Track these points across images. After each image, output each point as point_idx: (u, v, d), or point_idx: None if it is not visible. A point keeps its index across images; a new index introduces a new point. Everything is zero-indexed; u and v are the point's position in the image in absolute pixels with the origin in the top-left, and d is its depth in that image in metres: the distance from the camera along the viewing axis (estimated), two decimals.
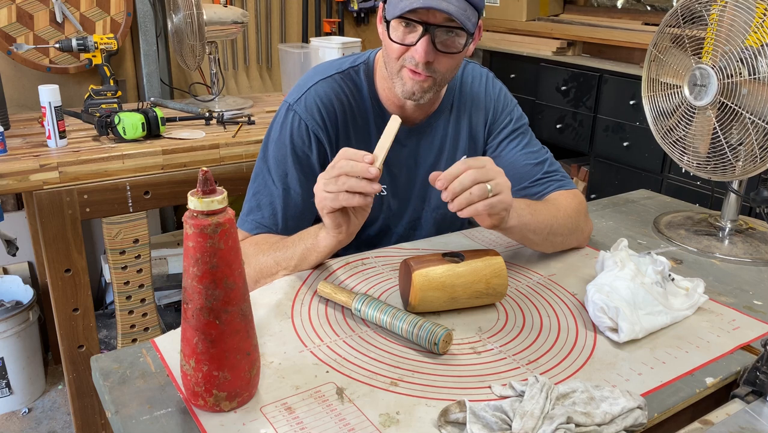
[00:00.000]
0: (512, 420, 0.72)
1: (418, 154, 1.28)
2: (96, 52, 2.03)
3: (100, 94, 1.99)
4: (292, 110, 1.21)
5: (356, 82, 1.23)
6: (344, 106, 1.21)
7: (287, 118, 1.22)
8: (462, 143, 1.31)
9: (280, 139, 1.21)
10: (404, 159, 1.27)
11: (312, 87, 1.22)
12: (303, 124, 1.20)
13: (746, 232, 1.33)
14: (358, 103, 1.22)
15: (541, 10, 3.09)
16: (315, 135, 1.20)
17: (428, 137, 1.28)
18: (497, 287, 0.99)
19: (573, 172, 2.95)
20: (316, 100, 1.20)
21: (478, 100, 1.31)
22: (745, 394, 0.82)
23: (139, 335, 2.01)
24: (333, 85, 1.22)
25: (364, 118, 1.23)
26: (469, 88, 1.31)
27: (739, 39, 1.17)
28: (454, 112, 1.29)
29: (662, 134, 1.35)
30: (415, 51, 1.06)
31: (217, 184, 0.72)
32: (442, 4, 1.01)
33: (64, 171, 1.66)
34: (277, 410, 0.77)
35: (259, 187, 1.21)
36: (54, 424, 2.16)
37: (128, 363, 0.86)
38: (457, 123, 1.30)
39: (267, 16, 2.84)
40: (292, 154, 1.20)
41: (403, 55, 1.09)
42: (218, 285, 0.72)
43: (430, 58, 1.07)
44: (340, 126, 1.21)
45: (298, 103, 1.21)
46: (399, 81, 1.12)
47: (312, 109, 1.20)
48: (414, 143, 1.27)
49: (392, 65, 1.12)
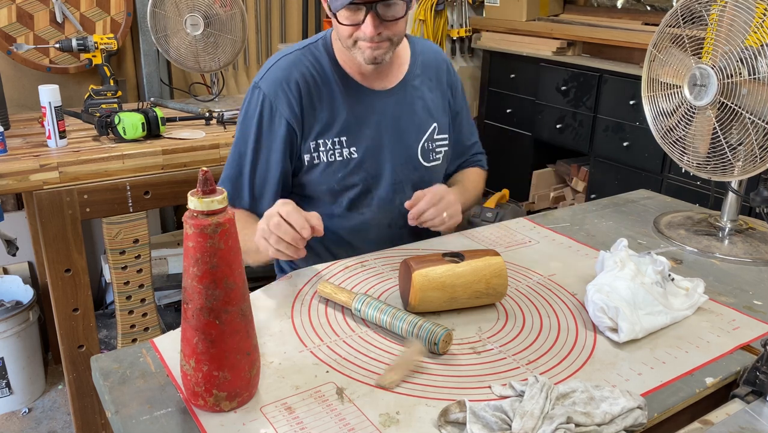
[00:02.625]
0: (512, 420, 0.72)
1: (391, 116, 1.33)
2: (96, 52, 2.03)
3: (100, 94, 1.99)
4: (257, 87, 1.28)
5: (316, 55, 1.30)
6: (306, 77, 1.27)
7: (253, 96, 1.29)
8: (435, 113, 1.39)
9: (247, 117, 1.29)
10: (375, 121, 1.31)
11: (274, 64, 1.29)
12: (267, 99, 1.26)
13: (746, 232, 1.33)
14: (319, 73, 1.29)
15: (541, 10, 3.09)
16: (278, 109, 1.25)
17: (400, 102, 1.34)
18: (497, 287, 0.99)
19: (573, 172, 2.95)
20: (278, 75, 1.27)
21: (440, 75, 1.41)
22: (745, 394, 0.82)
23: (139, 335, 2.01)
24: (294, 60, 1.29)
25: (328, 85, 1.29)
26: (429, 62, 1.40)
27: (739, 39, 1.17)
28: (420, 81, 1.37)
29: (662, 134, 1.35)
30: (365, 27, 1.16)
31: (217, 185, 0.72)
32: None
33: (64, 171, 1.66)
34: (277, 410, 0.77)
35: (230, 163, 1.30)
36: (54, 424, 2.16)
37: (128, 363, 0.86)
38: (426, 93, 1.38)
39: (267, 16, 2.84)
40: (257, 129, 1.27)
41: (354, 33, 1.18)
42: (218, 285, 0.72)
43: (379, 30, 1.16)
44: (304, 96, 1.27)
45: (263, 80, 1.28)
46: (358, 52, 1.21)
47: (275, 85, 1.26)
48: (385, 106, 1.32)
49: (346, 42, 1.21)
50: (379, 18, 1.14)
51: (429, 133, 1.36)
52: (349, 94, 1.29)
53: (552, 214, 1.46)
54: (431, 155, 1.37)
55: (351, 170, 1.30)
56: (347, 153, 1.29)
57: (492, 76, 3.23)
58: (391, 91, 1.32)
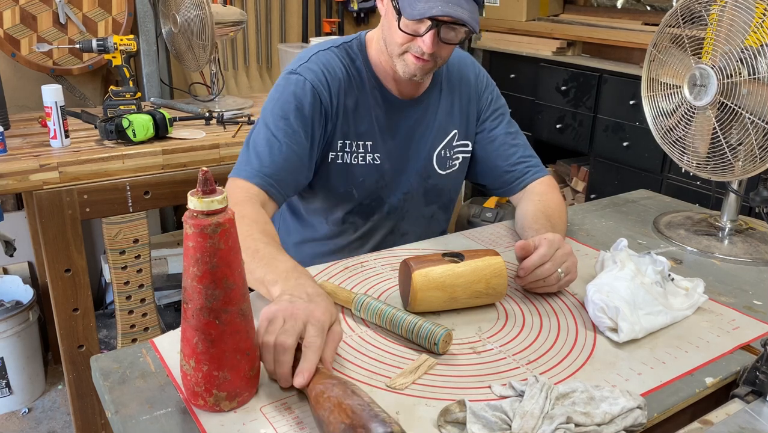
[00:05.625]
0: (512, 420, 0.72)
1: (414, 127, 1.31)
2: (116, 53, 2.03)
3: (119, 95, 1.98)
4: (296, 73, 1.22)
5: (351, 55, 1.27)
6: (343, 74, 1.24)
7: (289, 80, 1.22)
8: (455, 119, 1.35)
9: (283, 98, 1.20)
10: (400, 130, 1.30)
11: (313, 56, 1.25)
12: (308, 83, 1.21)
13: (746, 232, 1.33)
14: (354, 74, 1.26)
15: (541, 10, 3.09)
16: (319, 95, 1.21)
17: (423, 112, 1.32)
18: (497, 287, 0.99)
19: (573, 172, 2.95)
20: (319, 65, 1.23)
21: (467, 81, 1.38)
22: (745, 394, 0.82)
23: (139, 335, 2.01)
24: (332, 56, 1.25)
25: (362, 88, 1.26)
26: (457, 69, 1.38)
27: (739, 39, 1.17)
28: (445, 89, 1.35)
29: (662, 134, 1.35)
30: (422, 42, 1.12)
31: (217, 184, 0.72)
32: (458, 12, 1.08)
33: (64, 171, 1.66)
34: (277, 410, 0.77)
35: (257, 139, 1.19)
36: (54, 424, 2.16)
37: (128, 363, 0.86)
38: (449, 100, 1.35)
39: (267, 16, 2.84)
40: (296, 110, 1.19)
41: (408, 43, 1.15)
42: (218, 285, 0.72)
43: (434, 49, 1.13)
44: (342, 92, 1.24)
45: (302, 68, 1.23)
46: (401, 63, 1.17)
47: (317, 71, 1.22)
48: (409, 116, 1.31)
49: (395, 48, 1.17)
50: (439, 37, 1.12)
51: (447, 140, 1.34)
52: (379, 100, 1.27)
53: None
54: (448, 163, 1.36)
55: (371, 177, 1.29)
56: (371, 158, 1.28)
57: (492, 76, 3.21)
58: (418, 99, 1.31)
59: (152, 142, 1.82)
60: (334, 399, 0.69)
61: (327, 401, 0.69)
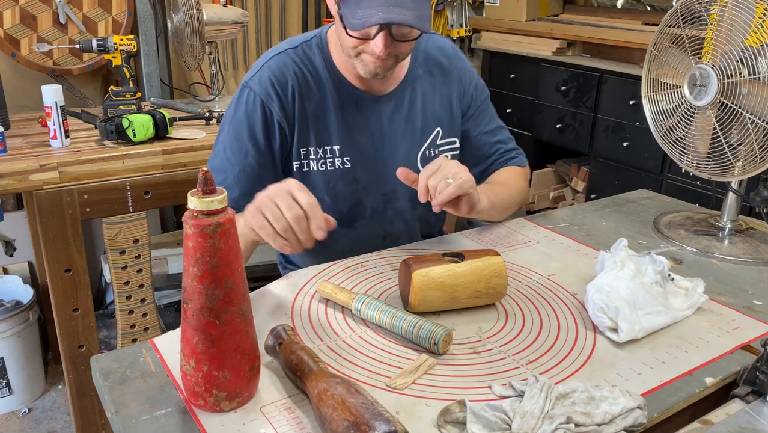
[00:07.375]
0: (512, 420, 0.72)
1: (387, 123, 1.27)
2: (116, 53, 2.03)
3: (119, 95, 1.99)
4: (247, 87, 1.22)
5: (309, 55, 1.24)
6: (298, 78, 1.21)
7: (242, 95, 1.23)
8: (437, 114, 1.31)
9: (235, 117, 1.22)
10: (371, 129, 1.26)
11: (265, 64, 1.23)
12: (258, 99, 1.20)
13: (746, 232, 1.33)
14: (312, 74, 1.23)
15: (541, 10, 3.09)
16: (269, 109, 1.20)
17: (396, 107, 1.27)
18: (497, 287, 0.99)
19: (573, 172, 2.95)
20: (269, 75, 1.21)
21: (448, 73, 1.32)
22: (745, 394, 0.82)
23: (139, 335, 2.01)
24: (286, 59, 1.22)
25: (320, 87, 1.23)
26: (436, 60, 1.32)
27: (739, 39, 1.17)
28: (423, 80, 1.30)
29: (662, 134, 1.35)
30: (375, 45, 1.07)
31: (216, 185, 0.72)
32: (400, 16, 1.01)
33: (64, 171, 1.66)
34: (277, 410, 0.77)
35: (215, 166, 1.22)
36: (54, 424, 2.16)
37: (128, 363, 0.86)
38: (429, 93, 1.30)
39: (267, 16, 2.84)
40: (249, 130, 1.20)
41: (361, 45, 1.10)
42: (218, 285, 0.72)
43: (390, 50, 1.08)
44: (297, 97, 1.21)
45: (253, 80, 1.22)
46: (359, 63, 1.13)
47: (266, 84, 1.20)
48: (381, 112, 1.26)
49: (349, 51, 1.13)
50: (392, 37, 1.06)
51: (431, 139, 1.30)
52: (343, 99, 1.23)
53: (552, 214, 1.46)
54: None
55: (343, 181, 1.24)
56: (339, 163, 1.23)
57: (492, 76, 3.23)
58: (390, 95, 1.25)
59: (152, 142, 1.81)
60: (338, 397, 0.69)
61: (330, 399, 0.69)
